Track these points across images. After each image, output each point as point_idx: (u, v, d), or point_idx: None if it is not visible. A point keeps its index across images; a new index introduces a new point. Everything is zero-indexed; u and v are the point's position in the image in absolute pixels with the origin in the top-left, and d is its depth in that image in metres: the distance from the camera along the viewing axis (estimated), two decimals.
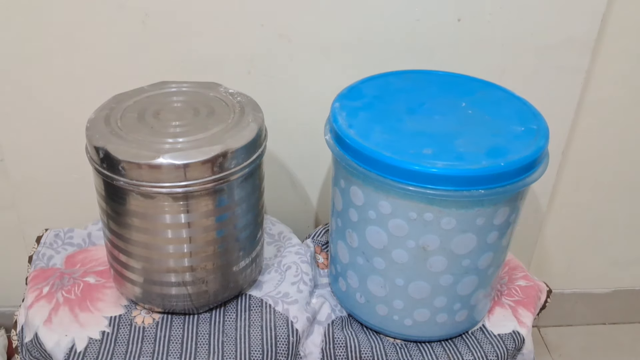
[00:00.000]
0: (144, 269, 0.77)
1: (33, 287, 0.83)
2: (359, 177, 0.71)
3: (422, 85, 0.84)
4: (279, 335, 0.78)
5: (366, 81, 0.84)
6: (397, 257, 0.73)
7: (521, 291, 0.89)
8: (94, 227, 0.97)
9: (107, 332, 0.78)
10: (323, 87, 0.91)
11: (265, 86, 0.95)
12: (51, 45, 0.90)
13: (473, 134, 0.72)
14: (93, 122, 0.74)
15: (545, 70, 0.97)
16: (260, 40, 0.92)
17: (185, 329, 0.79)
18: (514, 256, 0.97)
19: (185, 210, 0.71)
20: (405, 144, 0.70)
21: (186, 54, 0.92)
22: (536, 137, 0.72)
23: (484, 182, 0.66)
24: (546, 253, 1.23)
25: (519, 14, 0.92)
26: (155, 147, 0.69)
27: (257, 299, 0.83)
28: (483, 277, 0.77)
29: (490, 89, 0.83)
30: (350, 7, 0.90)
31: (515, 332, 0.83)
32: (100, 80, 0.93)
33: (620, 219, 1.20)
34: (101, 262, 0.89)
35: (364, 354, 0.80)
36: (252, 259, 0.82)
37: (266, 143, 0.77)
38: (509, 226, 0.74)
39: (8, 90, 0.94)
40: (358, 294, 0.81)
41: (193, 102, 0.79)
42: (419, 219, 0.69)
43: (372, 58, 0.94)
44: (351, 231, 0.77)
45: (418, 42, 0.94)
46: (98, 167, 0.71)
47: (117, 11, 0.88)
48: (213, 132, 0.72)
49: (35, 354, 0.78)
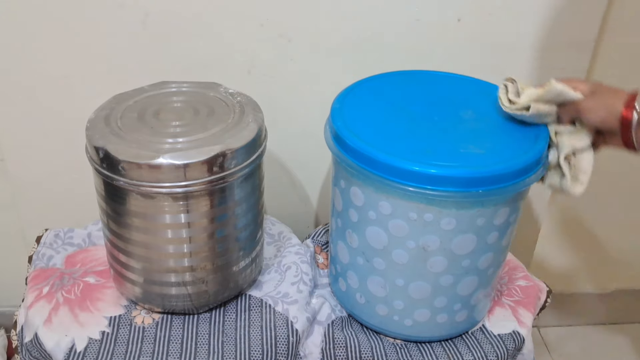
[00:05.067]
0: (144, 269, 0.77)
1: (33, 287, 0.83)
2: (359, 177, 0.71)
3: (422, 85, 0.84)
4: (278, 335, 0.78)
5: (366, 81, 0.84)
6: (397, 257, 0.73)
7: (521, 291, 0.89)
8: (94, 227, 0.97)
9: (107, 332, 0.78)
10: (323, 87, 0.91)
11: (265, 86, 0.95)
12: (51, 45, 0.90)
13: (473, 135, 0.73)
14: (93, 122, 0.74)
15: (545, 71, 0.97)
16: (260, 40, 0.92)
17: (185, 329, 0.79)
18: (514, 256, 0.97)
19: (185, 210, 0.71)
20: (405, 144, 0.70)
21: (186, 54, 0.92)
22: (536, 139, 0.72)
23: (484, 183, 0.66)
24: (546, 253, 1.23)
25: (518, 14, 0.92)
26: (155, 147, 0.69)
27: (257, 299, 0.83)
28: (483, 278, 0.77)
29: (490, 89, 0.83)
30: (350, 7, 0.90)
31: (515, 332, 0.83)
32: (100, 80, 0.93)
33: (620, 219, 1.20)
34: (101, 262, 0.89)
35: (364, 354, 0.80)
36: (252, 259, 0.82)
37: (266, 143, 0.77)
38: (509, 226, 0.74)
39: (8, 90, 0.94)
40: (358, 294, 0.81)
41: (193, 102, 0.79)
42: (419, 220, 0.69)
43: (372, 58, 0.94)
44: (351, 231, 0.77)
45: (418, 42, 0.94)
46: (98, 167, 0.71)
47: (117, 11, 0.88)
48: (213, 132, 0.72)
49: (35, 354, 0.78)
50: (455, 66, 0.92)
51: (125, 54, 0.92)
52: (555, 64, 0.97)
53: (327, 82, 0.92)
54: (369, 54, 0.94)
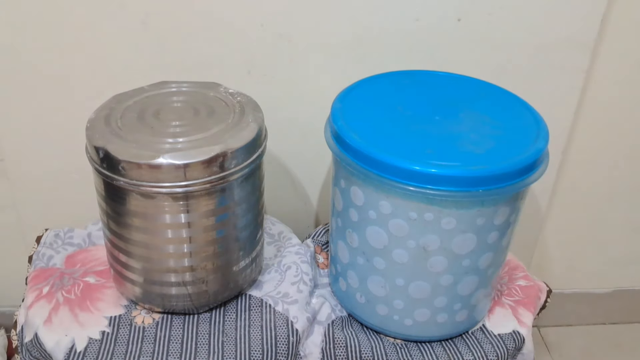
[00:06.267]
0: (144, 269, 0.77)
1: (33, 287, 0.83)
2: (359, 177, 0.71)
3: (422, 85, 0.84)
4: (279, 335, 0.78)
5: (366, 81, 0.84)
6: (398, 257, 0.73)
7: (521, 291, 0.89)
8: (94, 227, 0.97)
9: (107, 332, 0.78)
10: (323, 87, 0.91)
11: (265, 86, 0.95)
12: (51, 45, 0.90)
13: (473, 135, 0.73)
14: (93, 122, 0.74)
15: (545, 70, 0.97)
16: (260, 40, 0.92)
17: (185, 329, 0.79)
18: (514, 256, 0.97)
19: (185, 210, 0.71)
20: (405, 144, 0.70)
21: (186, 54, 0.92)
22: (536, 139, 0.72)
23: (484, 183, 0.66)
24: (546, 253, 1.23)
25: (519, 14, 0.92)
26: (155, 147, 0.69)
27: (257, 299, 0.83)
28: (483, 277, 0.77)
29: (490, 89, 0.83)
30: (350, 7, 0.90)
31: (515, 332, 0.83)
32: (100, 80, 0.93)
33: (620, 219, 1.20)
34: (101, 262, 0.89)
35: (364, 354, 0.80)
36: (252, 259, 0.82)
37: (266, 143, 0.77)
38: (509, 226, 0.74)
39: (8, 90, 0.94)
40: (358, 294, 0.81)
41: (193, 102, 0.79)
42: (419, 219, 0.70)
43: (372, 58, 0.94)
44: (351, 231, 0.77)
45: (418, 42, 0.94)
46: (98, 167, 0.71)
47: (117, 11, 0.88)
48: (213, 132, 0.72)
49: (35, 354, 0.78)
50: (455, 66, 0.92)
51: (125, 54, 0.92)
52: (555, 63, 0.97)
53: (327, 82, 0.92)
54: (369, 54, 0.94)
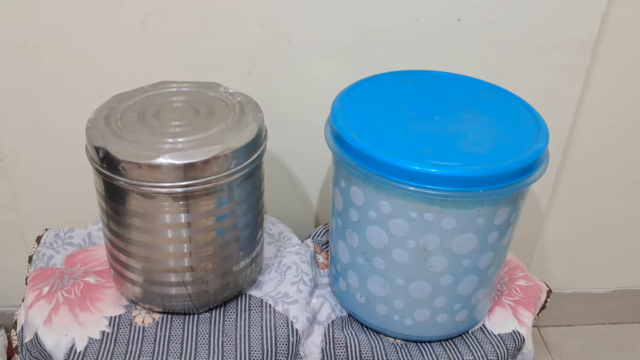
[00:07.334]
0: (144, 269, 0.77)
1: (33, 287, 0.83)
2: (359, 177, 0.71)
3: (422, 85, 0.84)
4: (279, 335, 0.78)
5: (366, 81, 0.84)
6: (398, 257, 0.73)
7: (521, 291, 0.89)
8: (94, 227, 0.97)
9: (107, 332, 0.78)
10: (323, 87, 0.91)
11: (265, 86, 0.95)
12: (51, 45, 0.90)
13: (473, 135, 0.73)
14: (93, 122, 0.74)
15: (545, 70, 0.97)
16: (260, 40, 0.92)
17: (185, 329, 0.79)
18: (514, 256, 0.97)
19: (185, 210, 0.71)
20: (405, 144, 0.70)
21: (186, 54, 0.92)
22: (536, 139, 0.72)
23: (484, 183, 0.66)
24: (546, 253, 1.23)
25: (518, 14, 0.92)
26: (155, 147, 0.69)
27: (257, 299, 0.83)
28: (483, 277, 0.77)
29: (490, 89, 0.83)
30: (350, 7, 0.90)
31: (515, 332, 0.83)
32: (100, 80, 0.93)
33: (620, 219, 1.20)
34: (101, 262, 0.89)
35: (364, 354, 0.80)
36: (252, 259, 0.82)
37: (266, 143, 0.77)
38: (509, 226, 0.74)
39: (8, 90, 0.94)
40: (358, 294, 0.81)
41: (193, 102, 0.79)
42: (419, 219, 0.70)
43: (372, 58, 0.94)
44: (351, 231, 0.77)
45: (418, 42, 0.94)
46: (98, 167, 0.71)
47: (117, 11, 0.88)
48: (213, 132, 0.72)
49: (35, 354, 0.78)
50: (455, 66, 0.92)
51: (125, 54, 0.92)
52: (555, 63, 0.97)
53: (327, 82, 0.92)
54: (369, 54, 0.94)
